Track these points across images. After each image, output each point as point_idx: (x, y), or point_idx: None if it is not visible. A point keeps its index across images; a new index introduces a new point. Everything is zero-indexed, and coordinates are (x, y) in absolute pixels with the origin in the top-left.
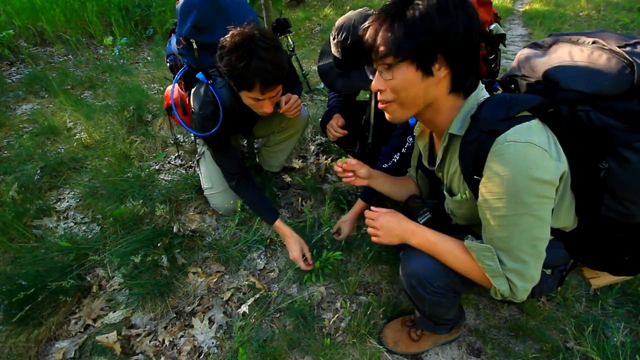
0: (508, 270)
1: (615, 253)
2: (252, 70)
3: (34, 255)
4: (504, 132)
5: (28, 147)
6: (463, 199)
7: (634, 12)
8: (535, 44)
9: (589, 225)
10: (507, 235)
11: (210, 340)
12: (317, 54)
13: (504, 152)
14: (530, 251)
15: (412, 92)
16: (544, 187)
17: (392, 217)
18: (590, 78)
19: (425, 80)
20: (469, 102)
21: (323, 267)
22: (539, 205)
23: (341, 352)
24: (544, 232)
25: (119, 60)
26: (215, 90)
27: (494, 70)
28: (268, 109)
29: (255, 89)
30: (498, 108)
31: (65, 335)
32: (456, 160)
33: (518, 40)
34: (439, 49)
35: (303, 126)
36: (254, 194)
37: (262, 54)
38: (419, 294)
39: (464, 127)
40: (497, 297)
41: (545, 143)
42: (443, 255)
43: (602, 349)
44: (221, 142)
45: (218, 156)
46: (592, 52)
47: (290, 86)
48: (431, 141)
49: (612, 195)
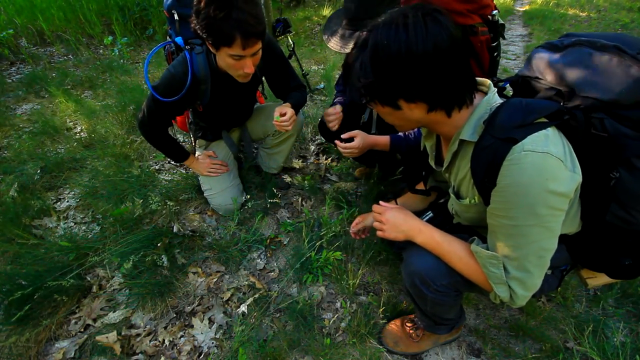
0: (511, 279)
1: (616, 257)
2: (232, 21)
3: (33, 255)
4: (520, 140)
5: (28, 147)
6: (472, 204)
7: (634, 12)
8: (550, 44)
9: (593, 229)
10: (515, 245)
11: (210, 340)
12: (317, 54)
13: (520, 161)
14: (537, 262)
15: (396, 119)
16: (559, 200)
17: (399, 213)
18: (607, 85)
19: (402, 111)
20: (480, 107)
21: (323, 267)
22: (551, 217)
23: (341, 352)
24: (552, 244)
25: (119, 60)
26: (190, 56)
27: (496, 59)
28: (249, 69)
29: (236, 43)
30: (514, 114)
31: (65, 335)
32: (466, 165)
33: (518, 40)
34: (392, 97)
35: (298, 130)
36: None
37: (241, 5)
38: (421, 292)
39: (477, 133)
40: (496, 301)
41: (562, 153)
42: (448, 256)
43: (602, 349)
44: (165, 113)
45: (152, 115)
46: (611, 59)
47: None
48: (438, 142)
49: (619, 204)
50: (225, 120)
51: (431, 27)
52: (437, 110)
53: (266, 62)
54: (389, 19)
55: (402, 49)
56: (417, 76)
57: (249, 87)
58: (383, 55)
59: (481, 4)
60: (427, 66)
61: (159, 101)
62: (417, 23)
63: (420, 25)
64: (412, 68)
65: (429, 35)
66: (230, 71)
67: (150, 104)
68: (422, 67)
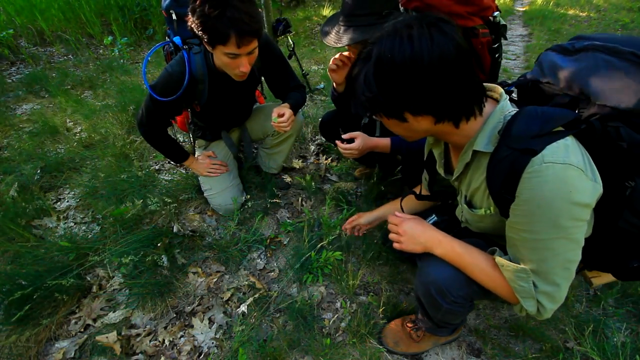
0: (540, 293)
1: (624, 260)
2: (226, 19)
3: (33, 255)
4: (539, 151)
5: (28, 147)
6: (487, 214)
7: (634, 12)
8: (561, 47)
9: (603, 235)
10: (540, 258)
11: (210, 340)
12: (317, 54)
13: (542, 174)
14: (563, 274)
15: (403, 130)
16: (582, 211)
17: (416, 224)
18: (625, 94)
19: (408, 123)
20: (494, 117)
21: (323, 267)
22: (575, 228)
23: (341, 352)
24: (577, 255)
25: (119, 60)
26: (188, 55)
27: (498, 60)
28: (245, 68)
29: (231, 42)
30: (531, 124)
31: (65, 335)
32: (480, 176)
33: (518, 40)
34: (397, 110)
35: (297, 130)
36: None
37: (235, 3)
38: (436, 302)
39: (492, 144)
40: (522, 313)
41: (582, 163)
42: (469, 268)
43: (602, 349)
44: (163, 112)
45: (150, 115)
46: (629, 66)
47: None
48: (446, 149)
49: (632, 212)
50: (224, 120)
51: (437, 37)
52: (445, 122)
53: (265, 62)
54: (393, 30)
55: (407, 61)
56: (423, 89)
57: (247, 87)
58: (387, 68)
59: (482, 6)
60: (433, 78)
61: (157, 101)
62: (422, 34)
63: (425, 36)
64: (418, 81)
65: (435, 46)
66: (227, 70)
67: (148, 104)
68: (428, 80)
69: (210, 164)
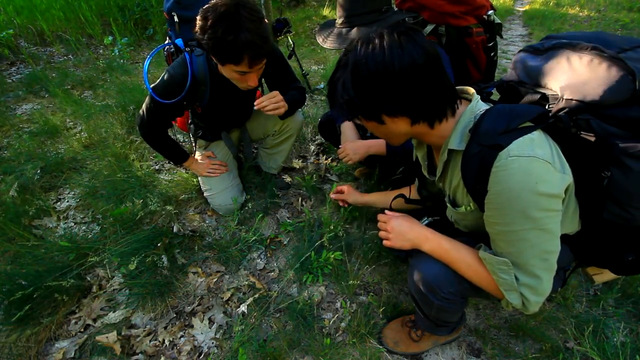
0: (522, 285)
1: (619, 254)
2: (240, 43)
3: (33, 255)
4: (506, 146)
5: (28, 147)
6: (467, 211)
7: (634, 12)
8: (532, 47)
9: (593, 228)
10: (517, 251)
11: (210, 340)
12: (317, 54)
13: (507, 167)
14: (542, 265)
15: (383, 133)
16: (551, 201)
17: (404, 221)
18: (590, 87)
19: (386, 125)
20: (465, 116)
21: (323, 267)
22: (547, 219)
23: (341, 352)
24: (554, 245)
25: (119, 60)
26: (190, 58)
27: (493, 59)
28: (253, 83)
29: (243, 63)
30: (498, 121)
31: (65, 335)
32: (458, 174)
33: (518, 40)
34: (374, 112)
35: (297, 130)
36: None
37: (248, 25)
38: (427, 299)
39: (464, 141)
40: (508, 308)
41: (549, 155)
42: (456, 264)
43: (602, 349)
44: (164, 114)
45: (151, 117)
46: (592, 60)
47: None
48: (430, 152)
49: (614, 202)
50: (224, 121)
51: (406, 45)
52: (420, 123)
53: (266, 64)
54: (367, 39)
55: (379, 68)
56: (395, 92)
57: (247, 90)
58: (363, 73)
59: (475, 5)
60: (405, 82)
61: (158, 103)
62: (392, 42)
63: (395, 44)
64: (390, 85)
65: (405, 53)
66: (234, 82)
67: (149, 106)
68: (400, 84)
69: (210, 164)
